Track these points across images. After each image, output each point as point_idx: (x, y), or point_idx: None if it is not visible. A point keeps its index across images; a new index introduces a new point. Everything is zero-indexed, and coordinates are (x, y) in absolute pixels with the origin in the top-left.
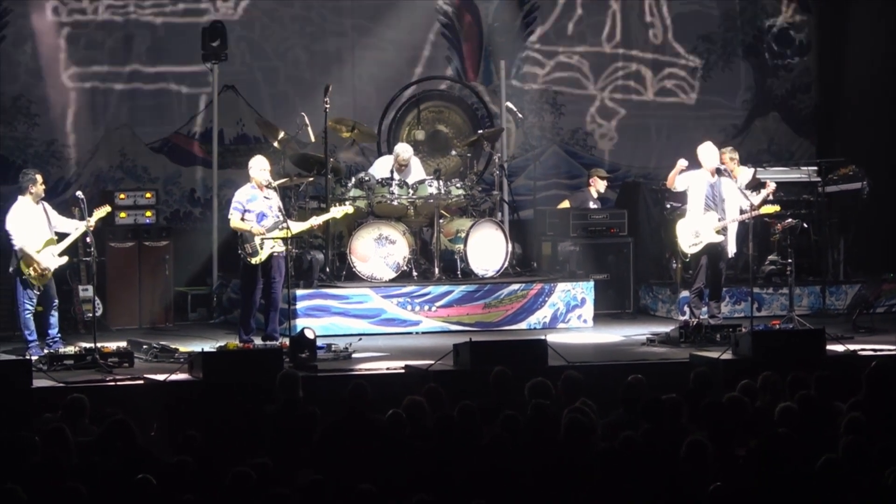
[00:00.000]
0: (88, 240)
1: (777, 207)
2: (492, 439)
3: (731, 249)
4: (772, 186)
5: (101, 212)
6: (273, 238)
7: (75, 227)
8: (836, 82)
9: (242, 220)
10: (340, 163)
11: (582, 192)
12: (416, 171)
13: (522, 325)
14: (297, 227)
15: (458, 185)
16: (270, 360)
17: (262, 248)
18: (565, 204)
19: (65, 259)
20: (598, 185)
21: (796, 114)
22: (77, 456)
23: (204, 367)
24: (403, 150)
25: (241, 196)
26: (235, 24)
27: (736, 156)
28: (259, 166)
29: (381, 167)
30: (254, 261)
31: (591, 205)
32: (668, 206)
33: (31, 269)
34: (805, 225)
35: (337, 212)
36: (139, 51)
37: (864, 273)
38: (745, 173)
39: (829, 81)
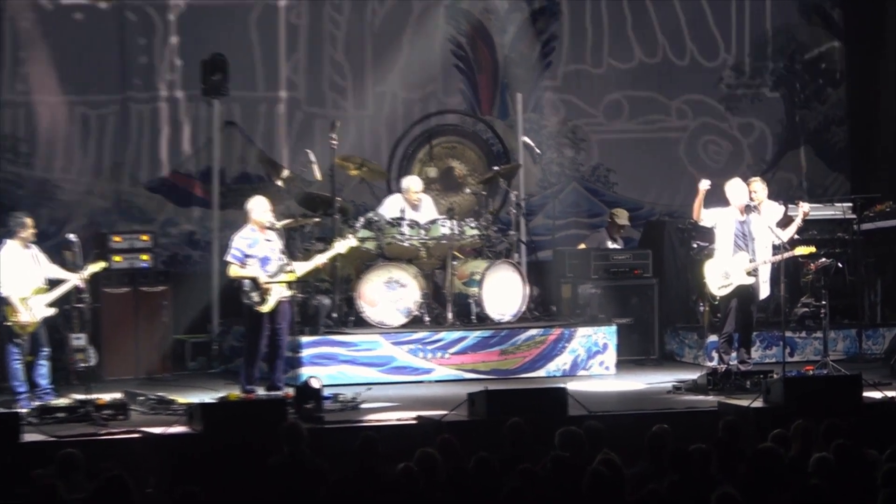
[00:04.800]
0: (81, 286)
1: (812, 248)
2: (510, 492)
3: (764, 292)
4: (804, 207)
5: (96, 267)
6: (279, 283)
7: (67, 277)
8: (870, 114)
9: (243, 267)
10: (347, 202)
11: (599, 233)
12: (429, 211)
13: (541, 373)
14: (302, 268)
15: (473, 224)
16: (274, 411)
17: (269, 296)
18: (582, 247)
19: (53, 311)
20: (618, 225)
21: (830, 147)
22: None
23: (204, 419)
24: (414, 182)
25: (240, 242)
26: (241, 54)
27: (764, 187)
28: (260, 207)
29: (390, 207)
30: (262, 309)
31: (609, 245)
32: (695, 245)
33: (15, 316)
34: (840, 265)
35: (341, 246)
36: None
37: None
38: (776, 210)
39: (864, 113)
